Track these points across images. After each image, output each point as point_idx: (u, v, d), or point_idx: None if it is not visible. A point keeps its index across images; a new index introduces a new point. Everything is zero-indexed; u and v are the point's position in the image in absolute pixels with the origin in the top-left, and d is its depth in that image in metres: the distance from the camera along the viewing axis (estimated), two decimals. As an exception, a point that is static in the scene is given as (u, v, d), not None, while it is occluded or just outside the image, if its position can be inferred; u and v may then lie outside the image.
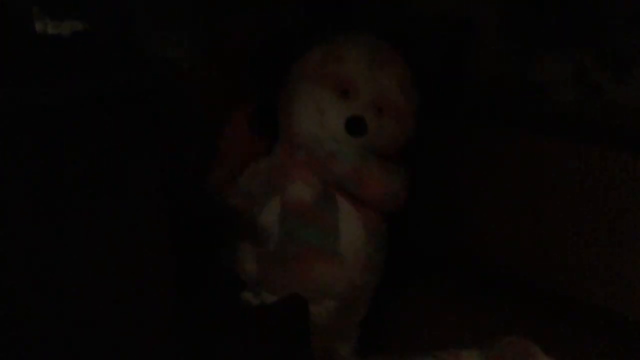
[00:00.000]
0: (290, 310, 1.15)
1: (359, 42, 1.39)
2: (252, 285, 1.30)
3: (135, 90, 0.82)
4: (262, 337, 1.13)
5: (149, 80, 0.83)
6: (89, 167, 0.80)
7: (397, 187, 1.35)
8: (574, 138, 1.46)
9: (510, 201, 1.59)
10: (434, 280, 1.71)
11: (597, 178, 1.42)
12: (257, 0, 1.54)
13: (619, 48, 1.40)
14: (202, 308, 1.12)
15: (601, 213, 1.43)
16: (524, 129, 1.54)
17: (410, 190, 1.40)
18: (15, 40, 0.98)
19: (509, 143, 1.56)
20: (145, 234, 0.87)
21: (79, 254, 0.81)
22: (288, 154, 1.34)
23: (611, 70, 1.42)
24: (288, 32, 1.61)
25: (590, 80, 1.46)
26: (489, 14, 1.59)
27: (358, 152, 1.31)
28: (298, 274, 1.25)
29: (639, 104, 1.39)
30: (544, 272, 1.56)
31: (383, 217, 1.40)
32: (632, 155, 1.37)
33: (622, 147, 1.39)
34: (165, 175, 0.87)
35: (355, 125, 1.30)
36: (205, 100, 1.41)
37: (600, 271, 1.46)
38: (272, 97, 1.41)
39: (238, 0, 1.51)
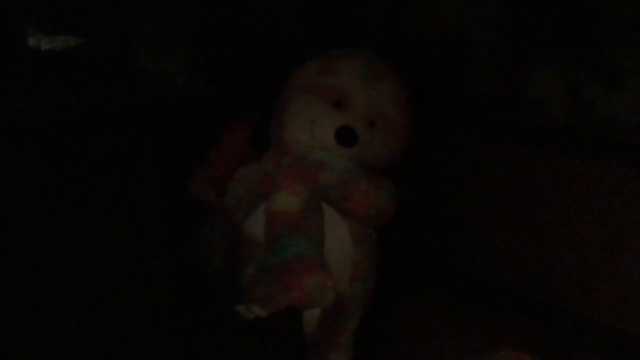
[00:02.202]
0: (285, 323, 1.14)
1: (356, 57, 1.40)
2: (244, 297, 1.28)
3: (134, 103, 0.83)
4: (258, 349, 1.12)
5: (147, 93, 0.84)
6: (92, 176, 0.81)
7: (382, 203, 1.32)
8: (568, 151, 1.46)
9: (506, 214, 1.59)
10: (432, 291, 1.71)
11: (592, 191, 1.42)
12: (253, 14, 1.56)
13: (611, 63, 1.41)
14: (200, 321, 1.12)
15: (598, 226, 1.43)
16: (519, 142, 1.54)
17: (398, 205, 1.35)
18: (14, 56, 1.00)
19: (505, 156, 1.56)
20: (146, 243, 0.88)
21: (81, 260, 0.83)
22: (276, 162, 1.34)
23: (604, 85, 1.43)
24: (286, 44, 1.63)
25: (583, 95, 1.46)
26: (486, 31, 1.61)
27: (347, 164, 1.30)
28: (286, 283, 1.21)
29: (631, 117, 1.40)
30: (541, 285, 1.56)
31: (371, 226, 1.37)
32: (626, 168, 1.37)
33: (616, 160, 1.39)
34: (165, 183, 0.88)
35: (345, 135, 1.30)
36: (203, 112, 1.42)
37: (596, 284, 1.45)
38: (270, 110, 1.41)
39: (234, 14, 1.53)
